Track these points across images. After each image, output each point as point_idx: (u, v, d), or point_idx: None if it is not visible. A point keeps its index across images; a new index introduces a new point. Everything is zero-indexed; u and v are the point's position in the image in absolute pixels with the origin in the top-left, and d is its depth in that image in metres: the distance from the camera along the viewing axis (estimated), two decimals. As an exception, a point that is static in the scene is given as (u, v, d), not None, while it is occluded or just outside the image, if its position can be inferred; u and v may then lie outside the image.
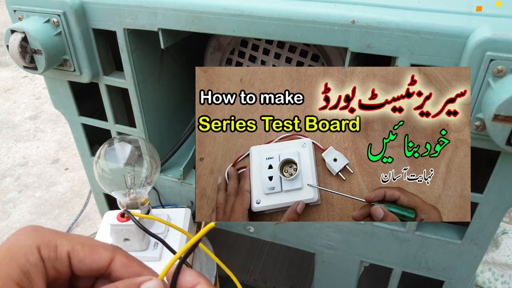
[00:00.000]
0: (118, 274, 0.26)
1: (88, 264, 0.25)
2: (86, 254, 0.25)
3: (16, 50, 0.44)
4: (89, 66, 0.49)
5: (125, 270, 0.26)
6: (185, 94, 0.64)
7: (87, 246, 0.25)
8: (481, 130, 0.35)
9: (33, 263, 0.23)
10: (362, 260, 0.54)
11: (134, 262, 0.26)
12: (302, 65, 0.51)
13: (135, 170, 0.43)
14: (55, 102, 0.58)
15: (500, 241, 0.97)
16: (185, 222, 0.52)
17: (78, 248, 0.25)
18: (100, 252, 0.25)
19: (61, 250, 0.24)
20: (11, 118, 1.78)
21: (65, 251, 0.24)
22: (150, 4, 0.43)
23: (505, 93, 0.30)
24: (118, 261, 0.25)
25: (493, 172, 0.40)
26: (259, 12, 0.39)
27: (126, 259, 0.26)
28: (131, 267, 0.26)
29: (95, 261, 0.25)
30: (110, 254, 0.25)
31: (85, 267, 0.25)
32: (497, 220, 0.43)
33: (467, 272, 0.49)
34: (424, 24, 0.35)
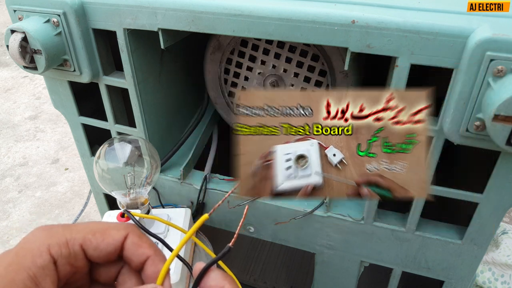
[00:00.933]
0: (129, 253, 0.26)
1: (104, 249, 0.25)
2: (99, 241, 0.25)
3: (16, 50, 0.44)
4: (89, 66, 0.49)
5: (135, 249, 0.26)
6: (185, 94, 0.64)
7: (98, 232, 0.25)
8: (481, 130, 0.35)
9: (40, 266, 0.23)
10: (362, 260, 0.54)
11: (145, 243, 0.26)
12: (302, 65, 0.51)
13: (135, 170, 0.43)
14: (55, 102, 0.58)
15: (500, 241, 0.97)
16: (185, 222, 0.52)
17: (89, 237, 0.25)
18: (113, 234, 0.25)
19: (73, 244, 0.24)
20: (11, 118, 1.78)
21: (77, 245, 0.25)
22: (150, 4, 0.43)
23: (505, 93, 0.30)
24: (130, 240, 0.26)
25: (493, 172, 0.40)
26: (259, 12, 0.39)
27: (138, 238, 0.26)
28: (141, 247, 0.26)
29: (109, 244, 0.25)
30: (123, 233, 0.26)
31: (102, 253, 0.25)
32: (497, 220, 0.43)
33: (467, 272, 0.49)
34: (424, 24, 0.35)
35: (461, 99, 0.35)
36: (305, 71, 0.51)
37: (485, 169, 0.42)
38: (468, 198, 0.42)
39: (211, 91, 0.58)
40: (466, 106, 0.35)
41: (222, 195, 0.56)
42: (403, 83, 0.38)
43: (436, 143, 0.40)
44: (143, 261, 0.26)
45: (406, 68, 0.37)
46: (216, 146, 0.64)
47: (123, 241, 0.26)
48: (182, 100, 0.64)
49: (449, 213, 0.61)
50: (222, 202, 0.42)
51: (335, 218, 0.51)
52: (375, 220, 0.49)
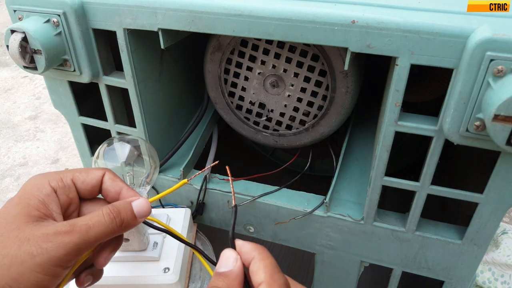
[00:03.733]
0: (107, 185, 0.35)
1: (89, 182, 0.34)
2: (84, 176, 0.34)
3: (16, 50, 0.44)
4: (89, 66, 0.49)
5: (111, 182, 0.35)
6: (185, 94, 0.64)
7: (83, 171, 0.34)
8: (481, 130, 0.35)
9: (46, 194, 0.31)
10: (362, 260, 0.54)
11: (118, 178, 0.35)
12: (302, 65, 0.51)
13: (134, 170, 0.43)
14: (55, 102, 0.58)
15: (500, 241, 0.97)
16: (185, 222, 0.52)
17: (77, 174, 0.34)
18: (94, 171, 0.35)
19: (66, 179, 0.33)
20: (11, 118, 1.78)
21: (69, 179, 0.33)
22: (150, 4, 0.43)
23: (505, 93, 0.30)
24: (107, 176, 0.35)
25: (493, 172, 0.39)
26: (259, 12, 0.39)
27: (113, 175, 0.35)
28: (116, 181, 0.35)
29: (93, 178, 0.34)
30: (101, 171, 0.35)
31: (88, 186, 0.34)
32: (497, 220, 0.43)
33: (467, 272, 0.49)
34: (424, 24, 0.35)
35: (461, 99, 0.35)
36: (305, 71, 0.51)
37: (485, 169, 0.42)
38: (468, 198, 0.42)
39: (211, 91, 0.58)
40: (466, 106, 0.35)
41: (222, 195, 0.56)
42: (403, 83, 0.38)
43: (436, 143, 0.40)
44: (119, 191, 0.34)
45: (406, 68, 0.37)
46: (216, 146, 0.64)
47: (102, 176, 0.34)
48: (182, 100, 0.64)
49: (449, 213, 0.61)
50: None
51: (335, 218, 0.51)
52: (375, 220, 0.49)
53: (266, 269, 0.27)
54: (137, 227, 0.44)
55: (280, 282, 0.27)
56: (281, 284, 0.27)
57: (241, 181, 0.57)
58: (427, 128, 0.39)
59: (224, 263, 0.29)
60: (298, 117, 0.56)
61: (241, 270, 0.29)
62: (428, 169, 0.42)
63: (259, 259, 0.28)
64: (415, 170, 0.46)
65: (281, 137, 0.59)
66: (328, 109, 0.53)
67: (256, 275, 0.27)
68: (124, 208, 0.33)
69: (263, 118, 0.58)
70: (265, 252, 0.29)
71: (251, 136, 0.61)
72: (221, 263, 0.29)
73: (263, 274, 0.27)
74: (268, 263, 0.28)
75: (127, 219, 0.33)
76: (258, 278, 0.27)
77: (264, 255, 0.28)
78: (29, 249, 0.28)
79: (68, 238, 0.29)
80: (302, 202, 0.53)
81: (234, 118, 0.60)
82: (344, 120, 0.55)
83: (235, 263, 0.29)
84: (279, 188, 0.55)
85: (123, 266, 0.46)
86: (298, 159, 0.68)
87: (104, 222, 0.31)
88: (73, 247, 0.29)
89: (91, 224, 0.30)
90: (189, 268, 0.50)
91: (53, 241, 0.28)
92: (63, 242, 0.29)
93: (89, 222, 0.30)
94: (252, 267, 0.28)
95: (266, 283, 0.27)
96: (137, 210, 0.33)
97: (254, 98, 0.56)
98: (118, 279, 0.45)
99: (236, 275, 0.28)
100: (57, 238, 0.29)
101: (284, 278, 0.28)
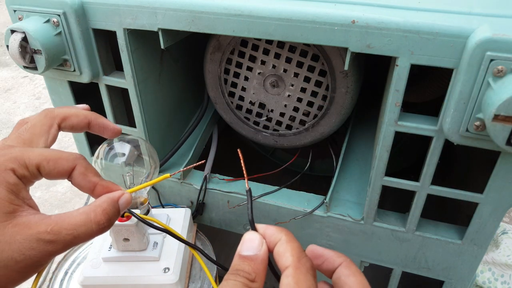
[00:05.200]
0: (76, 182, 0.32)
1: (54, 176, 0.31)
2: (51, 168, 0.30)
3: (16, 50, 0.44)
4: (89, 66, 0.49)
5: (82, 178, 0.32)
6: (185, 94, 0.64)
7: (52, 160, 0.30)
8: (481, 130, 0.35)
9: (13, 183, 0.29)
10: (362, 260, 0.54)
11: (91, 173, 0.32)
12: (302, 65, 0.51)
13: (134, 170, 0.43)
14: (55, 102, 0.58)
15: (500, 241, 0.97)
16: (185, 222, 0.52)
17: (44, 164, 0.30)
18: (63, 164, 0.31)
19: (31, 165, 0.30)
20: (11, 118, 1.78)
21: (34, 165, 0.30)
22: (150, 4, 0.43)
23: (505, 93, 0.30)
24: (77, 171, 0.31)
25: (493, 172, 0.39)
26: (259, 12, 0.39)
27: (84, 169, 0.32)
28: (87, 176, 0.32)
29: (59, 172, 0.31)
30: (71, 165, 0.31)
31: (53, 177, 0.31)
32: (497, 220, 0.43)
33: (467, 272, 0.49)
34: (424, 24, 0.35)
35: (461, 99, 0.35)
36: (305, 71, 0.51)
37: (485, 169, 0.42)
38: (468, 198, 0.42)
39: (211, 91, 0.58)
40: (466, 106, 0.35)
41: (222, 195, 0.56)
42: (403, 83, 0.38)
43: (436, 143, 0.40)
44: (92, 187, 0.32)
45: (406, 68, 0.37)
46: (216, 146, 0.64)
47: (71, 171, 0.31)
48: (182, 100, 0.64)
49: (449, 213, 0.61)
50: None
51: (335, 218, 0.51)
52: (375, 220, 0.49)
53: (294, 252, 0.26)
54: (137, 227, 0.44)
55: (308, 265, 0.26)
56: (308, 267, 0.26)
57: (241, 181, 0.57)
58: (427, 128, 0.39)
59: (249, 245, 0.27)
60: (298, 117, 0.56)
61: (267, 254, 0.27)
62: (428, 169, 0.42)
63: (286, 241, 0.27)
64: (415, 170, 0.46)
65: (281, 137, 0.59)
66: (328, 109, 0.53)
67: (283, 257, 0.26)
68: (114, 212, 0.31)
69: (263, 118, 0.58)
70: (291, 235, 0.28)
71: (251, 136, 0.60)
72: (245, 245, 0.28)
73: (290, 257, 0.26)
74: (296, 246, 0.27)
75: (114, 220, 0.32)
76: (285, 261, 0.26)
77: (291, 237, 0.27)
78: (12, 255, 0.27)
79: (52, 247, 0.28)
80: (302, 202, 0.53)
81: (234, 118, 0.60)
82: (344, 120, 0.55)
83: (261, 246, 0.27)
84: (279, 188, 0.55)
85: (123, 266, 0.46)
86: (298, 159, 0.68)
87: (91, 231, 0.30)
88: (57, 253, 0.29)
89: (76, 234, 0.29)
90: (189, 268, 0.50)
91: (36, 248, 0.28)
92: (46, 250, 0.28)
93: (74, 232, 0.29)
94: (278, 248, 0.27)
95: (294, 266, 0.25)
96: (122, 207, 0.32)
97: (254, 98, 0.56)
98: (118, 279, 0.45)
99: (262, 259, 0.27)
100: (40, 246, 0.28)
101: (311, 262, 0.27)
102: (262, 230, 0.29)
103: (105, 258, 0.46)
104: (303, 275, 0.25)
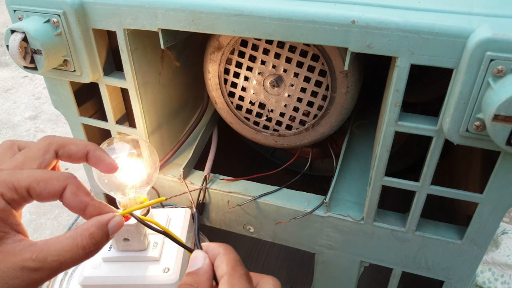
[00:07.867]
0: (67, 202, 0.30)
1: (45, 197, 0.30)
2: (41, 189, 0.29)
3: (16, 50, 0.44)
4: (89, 66, 0.49)
5: (73, 198, 0.30)
6: (185, 94, 0.64)
7: (42, 181, 0.29)
8: (481, 130, 0.35)
9: (1, 209, 0.28)
10: (362, 260, 0.54)
11: (82, 192, 0.31)
12: (302, 65, 0.51)
13: (134, 170, 0.43)
14: (55, 102, 0.58)
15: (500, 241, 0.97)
16: (185, 222, 0.52)
17: (34, 185, 0.29)
18: (54, 184, 0.30)
19: (20, 187, 0.29)
20: (11, 118, 1.78)
21: (23, 188, 0.29)
22: (150, 4, 0.43)
23: (505, 93, 0.30)
24: (68, 191, 0.30)
25: (493, 172, 0.39)
26: (259, 12, 0.39)
27: (75, 188, 0.31)
28: (79, 196, 0.31)
29: (50, 193, 0.30)
30: (62, 184, 0.30)
31: (44, 199, 0.30)
32: (497, 220, 0.43)
33: (467, 272, 0.49)
34: (424, 24, 0.35)
35: (461, 99, 0.35)
36: (305, 71, 0.51)
37: (485, 169, 0.42)
38: (468, 198, 0.42)
39: (211, 91, 0.58)
40: (466, 106, 0.35)
41: (222, 195, 0.56)
42: (403, 83, 0.38)
43: (436, 143, 0.40)
44: (83, 207, 0.31)
45: (406, 68, 0.37)
46: (216, 146, 0.64)
47: (63, 191, 0.30)
48: (182, 100, 0.64)
49: (449, 213, 0.61)
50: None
51: (335, 218, 0.51)
52: (375, 220, 0.49)
53: (229, 262, 0.29)
54: (137, 227, 0.44)
55: (241, 273, 0.29)
56: (242, 274, 0.29)
57: (241, 181, 0.57)
58: (427, 128, 0.39)
59: (193, 263, 0.30)
60: (298, 117, 0.56)
61: (209, 266, 0.30)
62: (428, 169, 0.42)
63: (223, 254, 0.30)
64: (415, 170, 0.46)
65: (281, 137, 0.59)
66: (328, 109, 0.53)
67: (219, 268, 0.29)
68: (101, 236, 0.30)
69: (263, 118, 0.58)
70: (229, 248, 0.31)
71: (251, 136, 0.60)
72: (190, 264, 0.30)
73: (225, 266, 0.29)
74: (231, 257, 0.30)
75: (102, 244, 0.31)
76: (221, 271, 0.29)
77: (228, 251, 0.30)
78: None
79: (36, 275, 0.27)
80: (302, 202, 0.53)
81: (234, 118, 0.60)
82: (344, 120, 0.55)
83: (203, 261, 0.30)
84: (279, 188, 0.55)
85: (123, 266, 0.46)
86: (298, 159, 0.68)
87: (78, 256, 0.29)
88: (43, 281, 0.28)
89: (62, 260, 0.28)
90: (189, 268, 0.50)
91: (20, 277, 0.27)
92: (31, 278, 0.27)
93: (60, 258, 0.28)
94: (217, 261, 0.30)
95: (228, 274, 0.28)
96: (111, 231, 0.31)
97: (254, 98, 0.56)
98: (118, 279, 0.45)
99: (204, 271, 0.30)
100: (24, 274, 0.27)
101: (245, 270, 0.29)
102: (205, 247, 0.31)
103: (105, 258, 0.46)
104: (236, 280, 0.28)
